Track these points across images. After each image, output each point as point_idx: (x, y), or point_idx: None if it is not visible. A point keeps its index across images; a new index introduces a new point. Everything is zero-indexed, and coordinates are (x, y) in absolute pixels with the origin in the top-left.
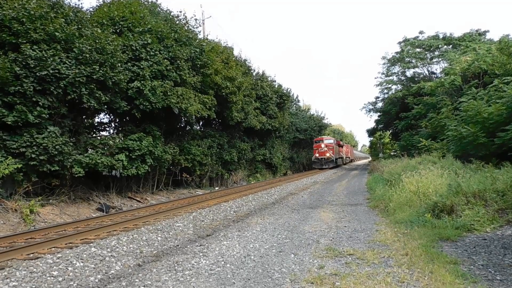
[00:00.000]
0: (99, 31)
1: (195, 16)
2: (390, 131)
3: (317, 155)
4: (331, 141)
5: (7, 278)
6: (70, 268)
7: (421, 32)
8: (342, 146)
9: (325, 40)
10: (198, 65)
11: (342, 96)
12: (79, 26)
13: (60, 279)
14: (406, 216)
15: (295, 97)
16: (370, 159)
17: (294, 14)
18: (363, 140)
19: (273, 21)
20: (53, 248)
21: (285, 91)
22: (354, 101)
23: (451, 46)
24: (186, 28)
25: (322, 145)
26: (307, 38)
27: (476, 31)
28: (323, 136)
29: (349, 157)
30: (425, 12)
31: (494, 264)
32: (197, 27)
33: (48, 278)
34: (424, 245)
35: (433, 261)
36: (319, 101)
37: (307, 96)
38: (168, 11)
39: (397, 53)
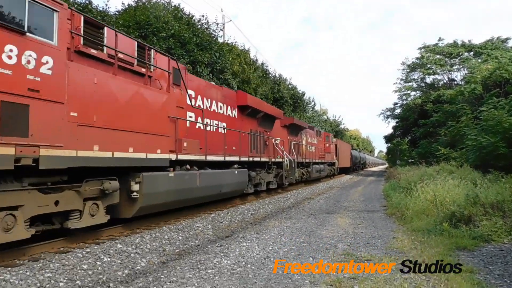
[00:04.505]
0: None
1: (216, 21)
2: (409, 138)
3: None
4: None
5: (42, 269)
6: (98, 263)
7: (440, 39)
8: (297, 133)
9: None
10: (217, 69)
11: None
12: None
13: (90, 272)
14: (423, 225)
15: (311, 100)
16: (386, 165)
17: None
18: (380, 146)
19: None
20: (81, 243)
21: (299, 93)
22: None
23: (472, 53)
24: (207, 33)
25: None
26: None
27: (497, 38)
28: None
29: (329, 161)
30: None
31: (510, 274)
32: (218, 32)
33: (79, 271)
34: (441, 253)
35: None
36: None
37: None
38: (190, 15)
39: (417, 58)
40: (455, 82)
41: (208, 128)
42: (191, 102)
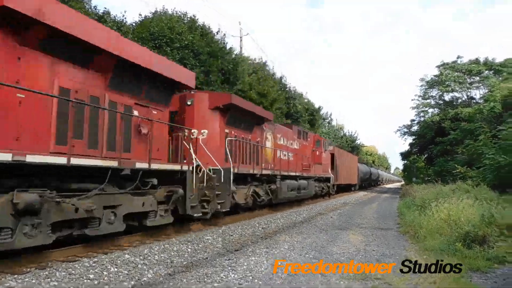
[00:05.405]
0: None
1: (222, 31)
2: (425, 155)
3: None
4: None
5: (47, 278)
6: (105, 273)
7: (459, 57)
8: (249, 126)
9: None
10: (231, 80)
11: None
12: None
13: (96, 282)
14: (437, 244)
15: (328, 115)
16: (402, 182)
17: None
18: (396, 163)
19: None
20: (89, 253)
21: (314, 107)
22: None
23: (492, 71)
24: (219, 40)
25: None
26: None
27: None
28: None
29: (319, 176)
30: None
31: None
32: (224, 39)
33: (85, 280)
34: (454, 274)
35: None
36: (315, 89)
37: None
38: (205, 26)
39: (435, 76)
40: (474, 100)
41: None
42: None
